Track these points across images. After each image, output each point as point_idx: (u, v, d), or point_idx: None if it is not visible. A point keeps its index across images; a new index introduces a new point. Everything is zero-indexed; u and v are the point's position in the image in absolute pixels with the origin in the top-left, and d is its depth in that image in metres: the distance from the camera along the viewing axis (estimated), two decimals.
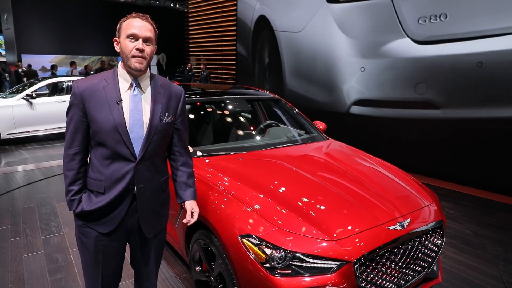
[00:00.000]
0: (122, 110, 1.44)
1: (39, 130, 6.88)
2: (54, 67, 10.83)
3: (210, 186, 2.14)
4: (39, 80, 7.40)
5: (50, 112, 6.86)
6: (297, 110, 3.57)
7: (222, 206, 1.96)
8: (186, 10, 14.52)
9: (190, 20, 14.32)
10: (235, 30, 10.28)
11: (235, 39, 10.28)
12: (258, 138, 3.18)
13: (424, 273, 2.00)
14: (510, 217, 3.92)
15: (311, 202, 2.00)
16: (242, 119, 3.49)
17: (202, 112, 3.34)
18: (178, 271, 2.72)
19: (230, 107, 3.44)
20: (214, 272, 2.02)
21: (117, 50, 1.49)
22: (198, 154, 2.57)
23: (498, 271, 2.84)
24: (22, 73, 10.61)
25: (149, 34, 1.45)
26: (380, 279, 1.80)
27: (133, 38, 1.43)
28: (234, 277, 1.81)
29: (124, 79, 1.49)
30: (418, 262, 1.97)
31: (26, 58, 11.88)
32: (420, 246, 1.98)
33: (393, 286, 1.84)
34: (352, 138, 5.20)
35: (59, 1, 12.54)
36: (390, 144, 5.82)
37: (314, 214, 1.88)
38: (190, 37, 14.43)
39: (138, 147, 1.47)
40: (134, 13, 1.49)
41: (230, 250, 1.80)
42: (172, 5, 14.23)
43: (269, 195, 2.01)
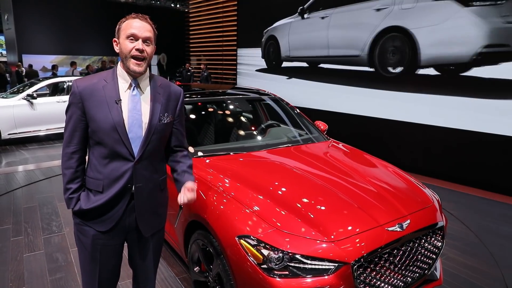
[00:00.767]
0: (121, 110, 1.45)
1: (40, 130, 6.89)
2: (55, 67, 10.83)
3: (209, 186, 2.14)
4: (40, 80, 7.41)
5: (50, 112, 6.87)
6: (298, 110, 3.57)
7: (221, 207, 1.96)
8: (186, 10, 14.53)
9: (190, 20, 14.32)
10: (236, 30, 10.27)
11: (236, 39, 10.27)
12: (259, 138, 3.18)
13: (424, 275, 1.99)
14: None
15: (311, 203, 1.99)
16: (243, 119, 3.49)
17: (203, 112, 3.35)
18: (177, 271, 2.72)
19: (231, 107, 3.44)
20: (212, 272, 2.02)
21: (116, 50, 1.50)
22: (199, 154, 2.57)
23: (500, 273, 2.80)
24: (22, 73, 10.61)
25: (148, 35, 1.46)
26: (378, 281, 1.79)
27: (132, 38, 1.44)
28: (231, 278, 1.81)
29: (123, 79, 1.50)
30: (418, 263, 1.96)
31: (27, 58, 11.89)
32: (419, 248, 1.97)
33: None
34: None
35: (60, 1, 12.54)
36: None
37: (312, 215, 1.87)
38: (191, 37, 14.42)
39: (136, 147, 1.48)
40: (133, 13, 1.50)
41: (228, 251, 1.80)
42: (172, 5, 14.24)
43: (268, 196, 2.01)
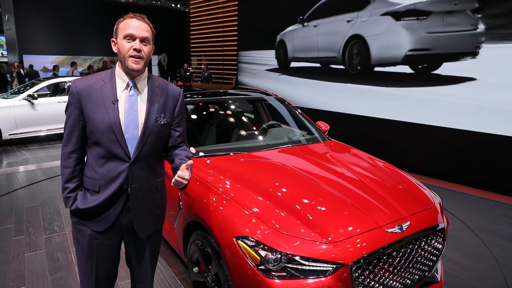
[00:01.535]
0: (118, 110, 1.45)
1: (41, 131, 6.90)
2: (56, 68, 10.83)
3: (209, 187, 2.13)
4: (41, 80, 7.42)
5: (51, 112, 6.87)
6: (299, 110, 3.56)
7: (220, 208, 1.95)
8: (187, 10, 14.52)
9: (191, 20, 14.32)
10: (237, 30, 10.26)
11: (237, 39, 10.26)
12: (260, 138, 3.17)
13: (424, 277, 1.97)
14: None
15: (311, 204, 1.98)
16: (244, 119, 3.48)
17: (203, 112, 3.34)
18: (177, 271, 2.72)
19: (232, 107, 3.43)
20: (211, 273, 2.01)
21: (114, 50, 1.50)
22: (200, 154, 2.57)
23: (502, 275, 2.77)
24: (22, 73, 10.62)
25: (146, 34, 1.46)
26: (377, 283, 1.77)
27: (130, 38, 1.44)
28: (229, 278, 1.81)
29: (121, 79, 1.50)
30: (418, 265, 1.94)
31: (28, 59, 11.90)
32: (419, 250, 1.95)
33: None
34: None
35: (61, 1, 12.55)
36: None
37: (311, 217, 1.86)
38: (192, 37, 14.42)
39: (132, 148, 1.47)
40: (131, 13, 1.50)
41: (226, 252, 1.79)
42: (173, 5, 14.23)
43: (268, 197, 2.00)
